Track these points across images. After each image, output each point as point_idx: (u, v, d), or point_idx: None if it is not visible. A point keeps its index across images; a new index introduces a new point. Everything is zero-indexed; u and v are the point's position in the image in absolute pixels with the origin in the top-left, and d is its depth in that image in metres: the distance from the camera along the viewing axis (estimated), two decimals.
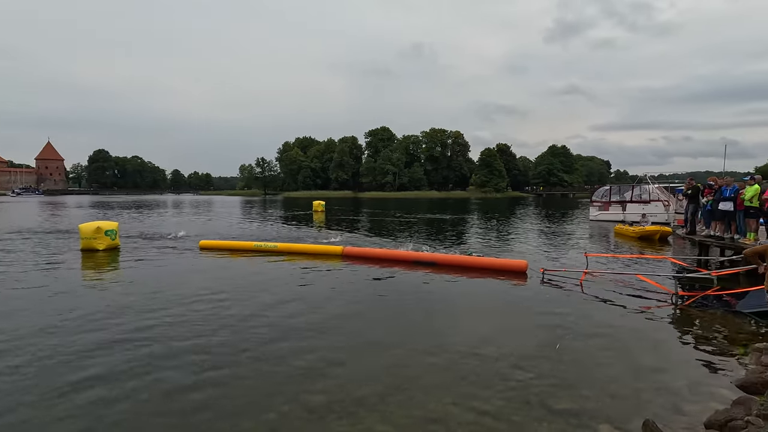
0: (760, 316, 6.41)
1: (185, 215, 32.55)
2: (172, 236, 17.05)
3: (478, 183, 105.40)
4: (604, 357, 5.16)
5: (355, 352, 5.33)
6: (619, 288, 8.67)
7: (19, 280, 9.30)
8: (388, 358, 5.15)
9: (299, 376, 4.63)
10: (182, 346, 5.43)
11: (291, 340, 5.68)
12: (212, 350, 5.31)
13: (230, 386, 4.39)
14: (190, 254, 12.88)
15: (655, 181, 26.53)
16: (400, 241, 15.97)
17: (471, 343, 5.58)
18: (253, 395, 4.22)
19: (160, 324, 6.26)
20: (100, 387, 4.32)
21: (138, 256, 12.37)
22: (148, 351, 5.25)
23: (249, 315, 6.75)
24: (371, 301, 7.84)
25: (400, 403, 4.07)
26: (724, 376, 4.63)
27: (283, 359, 5.06)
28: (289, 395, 4.20)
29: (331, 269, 10.67)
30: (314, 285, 8.96)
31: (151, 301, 7.47)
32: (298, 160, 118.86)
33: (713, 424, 3.53)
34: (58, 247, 14.32)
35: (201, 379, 4.54)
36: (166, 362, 4.93)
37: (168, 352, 5.22)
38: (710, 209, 11.83)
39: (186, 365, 4.87)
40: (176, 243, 15.30)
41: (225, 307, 7.15)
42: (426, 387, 4.38)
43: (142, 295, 7.88)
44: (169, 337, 5.72)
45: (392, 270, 10.40)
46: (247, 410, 3.94)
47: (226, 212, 36.60)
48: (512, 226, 23.84)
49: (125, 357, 5.06)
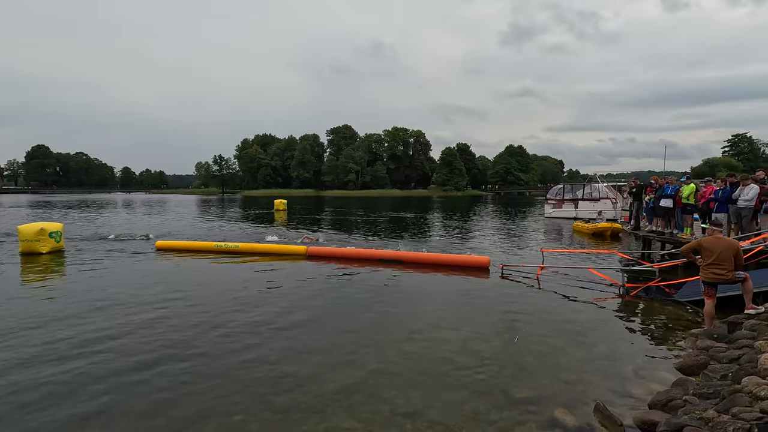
0: (696, 304, 6.99)
1: (139, 215, 30.93)
2: (142, 237, 16.28)
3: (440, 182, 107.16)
4: (560, 347, 5.46)
5: (320, 350, 5.33)
6: (572, 281, 9.15)
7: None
8: (353, 355, 5.18)
9: (263, 377, 4.58)
10: (139, 352, 5.21)
11: (254, 342, 5.58)
12: (171, 356, 5.13)
13: (192, 391, 4.27)
14: (146, 256, 12.30)
15: (604, 180, 28.16)
16: (365, 240, 16.01)
17: (435, 338, 5.73)
18: (215, 399, 4.12)
19: (115, 332, 5.97)
20: (48, 403, 4.07)
21: (86, 260, 11.66)
22: (102, 359, 5.00)
23: (210, 317, 6.57)
24: (335, 300, 7.84)
25: (365, 399, 4.12)
26: (665, 360, 5.03)
27: (246, 361, 4.98)
28: (252, 396, 4.15)
29: (295, 269, 10.55)
30: (277, 285, 8.83)
31: (101, 309, 7.09)
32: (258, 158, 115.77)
33: (656, 404, 3.84)
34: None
35: (160, 385, 4.39)
36: (121, 370, 4.72)
37: (123, 360, 5.00)
38: (652, 206, 12.71)
39: (143, 372, 4.68)
40: (129, 245, 14.55)
41: (185, 311, 6.91)
42: (391, 382, 4.46)
43: (91, 302, 7.46)
44: (124, 344, 5.47)
45: (357, 269, 10.42)
46: (209, 414, 3.85)
47: (183, 212, 35.13)
48: (473, 224, 24.48)
49: (79, 366, 4.80)
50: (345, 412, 3.87)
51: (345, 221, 26.15)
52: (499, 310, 7.07)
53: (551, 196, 28.59)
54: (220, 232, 19.37)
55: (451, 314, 6.99)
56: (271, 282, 9.12)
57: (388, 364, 4.91)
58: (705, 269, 5.79)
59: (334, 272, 10.07)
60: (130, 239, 15.92)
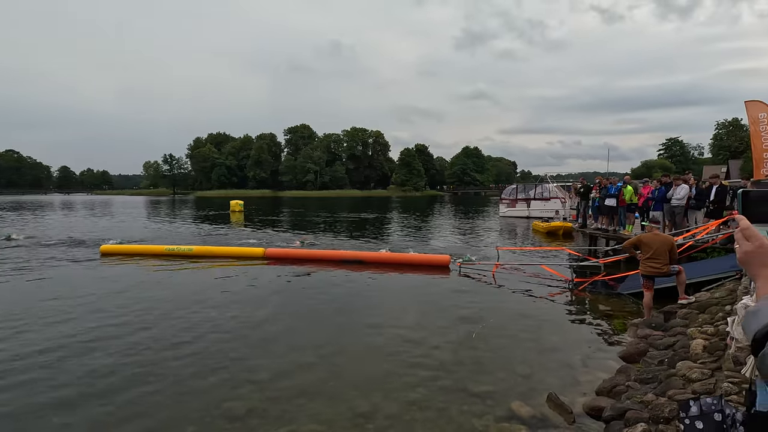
0: (636, 296, 7.51)
1: (79, 217, 28.85)
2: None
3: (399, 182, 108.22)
4: (514, 341, 5.68)
5: (279, 354, 5.22)
6: (526, 277, 9.55)
7: None
8: (313, 357, 5.13)
9: (218, 384, 4.42)
10: (83, 365, 4.88)
11: (208, 348, 5.38)
12: (118, 367, 4.84)
13: (144, 402, 4.05)
14: (89, 262, 11.50)
15: (554, 181, 29.58)
16: (325, 241, 15.86)
17: (396, 337, 5.78)
18: (168, 410, 3.94)
19: (53, 344, 5.54)
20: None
21: (20, 266, 10.75)
22: (38, 377, 4.64)
23: (159, 325, 6.25)
24: (294, 302, 7.71)
25: (327, 401, 4.09)
26: (610, 350, 5.37)
27: (200, 369, 4.79)
28: (207, 405, 4.00)
29: (252, 272, 10.26)
30: (233, 289, 8.56)
31: (37, 322, 6.56)
32: (212, 157, 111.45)
33: (602, 391, 4.09)
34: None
35: (109, 400, 4.13)
36: (61, 387, 4.40)
37: (63, 376, 4.66)
38: (598, 205, 13.51)
39: (89, 383, 4.39)
40: (69, 250, 13.55)
41: (132, 319, 6.54)
42: (352, 382, 4.46)
43: (26, 316, 6.89)
44: (64, 358, 5.10)
45: (317, 270, 10.31)
46: (163, 426, 3.67)
47: (131, 214, 33.16)
48: (432, 223, 24.92)
49: (15, 383, 4.41)
50: (306, 416, 3.82)
51: (304, 222, 25.78)
52: (457, 307, 7.25)
53: (505, 196, 29.64)
54: (172, 234, 18.48)
55: (411, 313, 7.08)
56: (226, 285, 8.82)
57: (348, 365, 4.90)
58: (644, 263, 6.24)
59: (293, 274, 9.90)
60: (69, 245, 14.82)
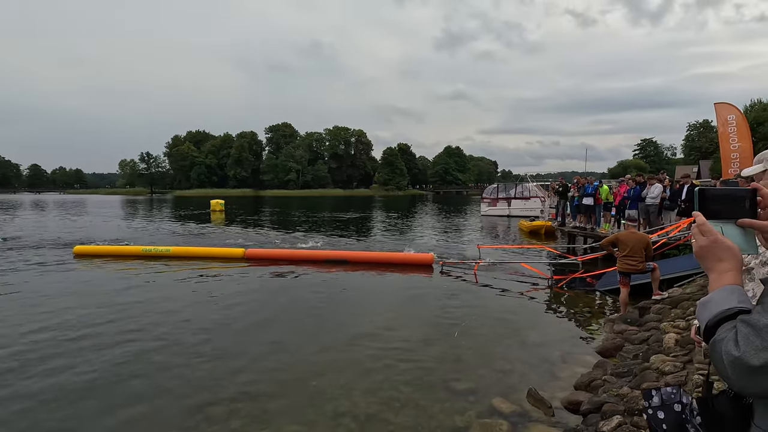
0: (613, 292, 7.71)
1: (51, 217, 27.87)
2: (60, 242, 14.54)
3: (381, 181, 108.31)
4: (496, 338, 5.76)
5: (259, 355, 5.16)
6: (507, 275, 9.69)
7: None
8: (295, 357, 5.09)
9: (198, 387, 4.34)
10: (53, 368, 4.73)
11: (186, 350, 5.28)
12: (91, 371, 4.70)
13: (122, 407, 3.95)
14: (61, 263, 11.13)
15: (533, 180, 30.09)
16: (308, 240, 15.75)
17: (379, 336, 5.79)
18: (147, 414, 3.85)
19: (28, 349, 5.35)
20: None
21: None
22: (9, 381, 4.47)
23: (137, 327, 6.10)
24: (275, 302, 7.64)
25: (309, 400, 4.07)
26: (588, 345, 5.50)
27: (179, 371, 4.70)
28: (187, 408, 3.93)
29: (233, 272, 10.11)
30: (212, 290, 8.41)
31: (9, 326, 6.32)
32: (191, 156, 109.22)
33: (580, 385, 4.19)
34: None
35: (86, 406, 4.01)
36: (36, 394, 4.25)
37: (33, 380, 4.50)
38: (576, 204, 13.81)
39: (60, 391, 4.25)
40: (41, 252, 13.08)
41: (107, 321, 6.36)
42: (335, 381, 4.44)
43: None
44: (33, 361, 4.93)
45: (300, 270, 10.23)
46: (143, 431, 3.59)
47: (107, 213, 32.22)
48: (416, 222, 25.03)
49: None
50: (287, 416, 3.79)
51: (287, 221, 25.54)
52: (439, 305, 7.30)
53: (486, 195, 30.01)
54: (150, 235, 18.04)
55: (395, 312, 7.10)
56: (204, 287, 8.67)
57: (331, 364, 4.88)
58: (620, 260, 6.41)
59: (275, 275, 9.80)
60: (41, 246, 14.31)
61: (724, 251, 0.87)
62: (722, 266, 0.86)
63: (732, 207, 0.94)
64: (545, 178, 58.74)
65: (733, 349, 0.72)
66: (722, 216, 0.94)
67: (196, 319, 6.46)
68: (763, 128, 34.52)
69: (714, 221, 0.94)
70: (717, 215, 0.94)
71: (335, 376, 4.59)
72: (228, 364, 4.87)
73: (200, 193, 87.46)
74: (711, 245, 0.88)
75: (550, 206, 23.87)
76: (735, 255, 0.87)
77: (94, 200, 62.29)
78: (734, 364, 0.71)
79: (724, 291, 0.83)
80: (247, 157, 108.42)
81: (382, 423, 3.70)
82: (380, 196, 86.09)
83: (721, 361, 0.74)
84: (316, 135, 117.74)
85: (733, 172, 11.27)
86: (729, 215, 0.94)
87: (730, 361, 0.72)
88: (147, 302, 7.41)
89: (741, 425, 0.78)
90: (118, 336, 5.71)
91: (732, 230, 0.93)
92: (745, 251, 0.93)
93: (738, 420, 0.79)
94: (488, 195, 29.81)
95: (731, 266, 0.86)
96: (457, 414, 3.81)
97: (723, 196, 0.96)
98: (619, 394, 3.61)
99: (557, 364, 4.88)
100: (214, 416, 3.80)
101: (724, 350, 0.74)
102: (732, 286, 0.83)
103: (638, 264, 6.28)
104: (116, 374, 4.59)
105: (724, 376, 0.74)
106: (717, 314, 0.80)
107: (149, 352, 5.19)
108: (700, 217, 0.92)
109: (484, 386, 4.34)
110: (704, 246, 0.89)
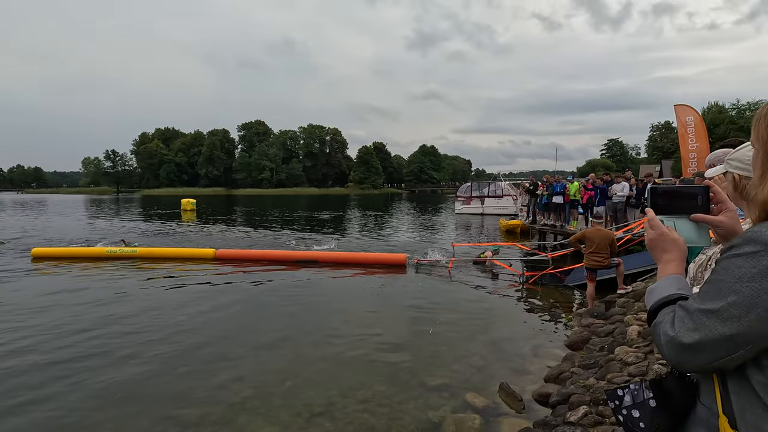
0: (581, 287, 7.97)
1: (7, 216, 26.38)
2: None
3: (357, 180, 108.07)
4: (469, 334, 5.86)
5: (231, 357, 5.07)
6: (480, 273, 9.86)
7: None
8: (268, 358, 5.04)
9: (167, 392, 4.23)
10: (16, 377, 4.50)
11: (155, 353, 5.13)
12: (54, 379, 4.51)
13: (89, 414, 3.80)
14: (18, 267, 10.57)
15: (506, 179, 30.71)
16: (281, 241, 15.55)
17: (354, 335, 5.79)
18: (116, 422, 3.72)
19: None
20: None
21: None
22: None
23: (100, 333, 5.88)
24: (247, 303, 7.51)
25: (283, 401, 4.03)
26: (557, 339, 5.67)
27: (148, 375, 4.56)
28: (156, 414, 3.82)
29: (203, 273, 9.86)
30: (182, 291, 8.20)
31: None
32: (160, 154, 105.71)
33: (550, 378, 4.32)
34: None
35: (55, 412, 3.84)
36: None
37: None
38: (546, 202, 14.19)
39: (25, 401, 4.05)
40: None
41: (69, 326, 6.10)
42: (309, 382, 4.42)
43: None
44: None
45: (272, 270, 10.08)
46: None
47: (69, 213, 30.78)
48: (391, 221, 25.10)
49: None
50: (262, 418, 3.75)
51: (260, 221, 25.13)
52: (414, 304, 7.36)
53: (461, 194, 30.42)
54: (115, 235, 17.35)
55: (369, 311, 7.11)
56: (174, 289, 8.43)
57: (305, 364, 4.85)
58: (587, 257, 6.64)
59: (247, 275, 9.63)
60: None
61: (670, 243, 0.94)
62: (667, 257, 0.94)
63: (685, 203, 1.00)
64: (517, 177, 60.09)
65: (669, 329, 0.80)
66: (675, 211, 1.00)
67: (163, 323, 6.28)
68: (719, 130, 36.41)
69: (667, 216, 0.99)
70: (669, 211, 1.00)
71: (309, 376, 4.56)
72: (198, 368, 4.77)
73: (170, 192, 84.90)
74: (658, 238, 0.95)
75: (521, 204, 24.45)
76: (679, 247, 0.94)
77: (56, 200, 59.44)
78: (670, 343, 0.79)
79: (667, 280, 0.90)
80: (219, 156, 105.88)
81: (358, 421, 3.70)
82: (356, 194, 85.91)
83: (660, 341, 0.82)
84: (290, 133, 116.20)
85: (692, 171, 11.83)
86: (682, 211, 0.99)
87: (666, 340, 0.80)
88: (110, 306, 7.14)
89: (688, 402, 0.86)
90: (77, 344, 5.48)
91: (685, 225, 0.99)
92: (698, 244, 0.99)
93: (685, 398, 0.86)
94: (462, 193, 30.22)
95: (674, 257, 0.93)
96: (431, 410, 3.87)
97: (675, 193, 1.02)
98: (585, 386, 3.74)
99: (528, 358, 5.02)
100: (185, 421, 3.71)
101: (662, 331, 0.82)
102: (674, 275, 0.91)
103: (604, 260, 6.52)
104: (77, 378, 4.41)
105: (663, 354, 0.82)
106: (659, 300, 0.88)
107: (111, 358, 5.01)
108: (651, 213, 0.99)
109: (457, 382, 4.41)
110: (652, 239, 0.96)
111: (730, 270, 0.74)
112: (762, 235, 0.72)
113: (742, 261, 0.73)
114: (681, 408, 0.87)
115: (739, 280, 0.72)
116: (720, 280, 0.75)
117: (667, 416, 0.88)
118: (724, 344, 0.73)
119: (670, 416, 0.88)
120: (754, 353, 0.72)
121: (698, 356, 0.76)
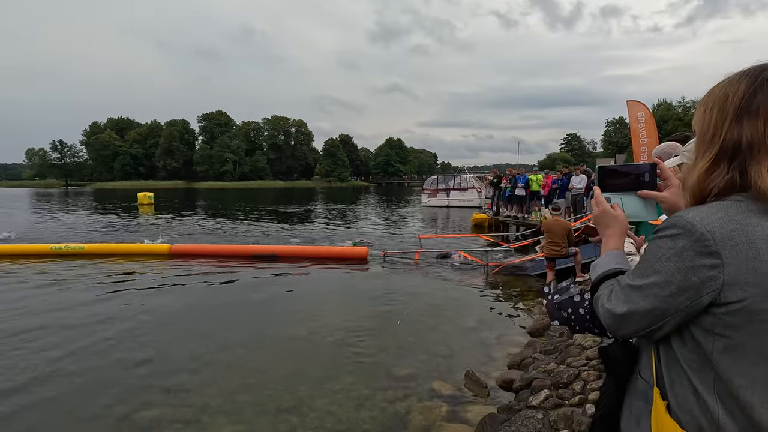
0: (542, 276, 8.27)
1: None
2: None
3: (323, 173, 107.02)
4: (436, 324, 5.95)
5: (189, 356, 4.89)
6: (446, 264, 10.02)
7: None
8: (230, 355, 4.90)
9: (122, 394, 4.03)
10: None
11: (105, 355, 4.88)
12: None
13: (37, 422, 3.56)
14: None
15: (470, 172, 31.31)
16: (242, 235, 15.17)
17: (317, 330, 5.73)
18: (70, 422, 3.51)
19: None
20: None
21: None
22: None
23: (45, 333, 5.52)
24: (205, 300, 7.25)
25: (249, 399, 3.94)
26: (520, 326, 5.86)
27: (99, 378, 4.33)
28: (112, 418, 3.64)
29: (157, 271, 9.41)
30: (135, 290, 7.82)
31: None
32: (113, 145, 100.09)
33: (513, 365, 4.45)
34: None
35: None
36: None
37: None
38: (509, 195, 14.60)
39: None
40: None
41: (10, 328, 5.69)
42: (276, 379, 4.34)
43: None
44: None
45: (230, 266, 9.78)
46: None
47: (10, 207, 28.60)
48: (358, 214, 25.02)
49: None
50: (225, 417, 3.65)
51: (222, 215, 24.39)
52: (381, 296, 7.38)
53: (427, 187, 30.75)
54: (62, 231, 16.33)
55: (332, 305, 7.07)
56: (125, 287, 8.01)
57: (269, 361, 4.76)
58: (546, 246, 6.88)
59: (204, 271, 9.29)
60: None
61: (611, 219, 1.02)
62: (609, 231, 1.02)
63: (632, 181, 1.06)
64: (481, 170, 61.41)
65: (606, 301, 0.89)
66: (623, 188, 1.06)
67: (114, 323, 5.97)
68: (668, 126, 38.69)
69: (614, 193, 1.06)
70: (616, 188, 1.06)
71: (275, 372, 4.48)
72: (155, 368, 4.57)
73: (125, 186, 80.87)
74: (601, 214, 1.04)
75: (485, 197, 25.03)
76: (620, 222, 1.02)
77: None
78: (606, 313, 0.88)
79: (608, 256, 0.99)
80: (178, 147, 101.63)
81: (326, 415, 3.68)
82: (322, 187, 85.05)
83: (599, 312, 0.91)
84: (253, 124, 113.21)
85: None
86: (629, 188, 1.06)
87: (604, 311, 0.89)
88: (55, 307, 6.71)
89: (631, 367, 0.94)
90: (19, 346, 5.13)
91: (631, 201, 1.05)
92: (645, 218, 1.06)
93: (628, 362, 0.94)
94: (429, 186, 30.57)
95: (615, 232, 1.02)
96: (399, 400, 3.90)
97: (622, 171, 1.08)
98: (546, 370, 3.88)
99: (493, 346, 5.15)
100: (142, 423, 3.55)
101: (600, 303, 0.91)
102: (615, 251, 1.00)
103: (561, 249, 6.79)
104: (24, 383, 4.12)
105: (603, 323, 0.90)
106: (600, 275, 0.96)
107: (57, 359, 4.72)
108: (597, 191, 1.06)
109: (424, 371, 4.46)
110: (596, 215, 1.05)
111: (654, 250, 0.81)
112: (681, 219, 0.78)
113: (663, 242, 0.79)
114: (624, 370, 0.94)
115: (659, 260, 0.79)
116: (646, 259, 0.82)
117: (613, 380, 0.95)
118: (647, 316, 0.80)
119: (616, 378, 0.95)
120: (674, 326, 0.79)
121: (628, 325, 0.84)
